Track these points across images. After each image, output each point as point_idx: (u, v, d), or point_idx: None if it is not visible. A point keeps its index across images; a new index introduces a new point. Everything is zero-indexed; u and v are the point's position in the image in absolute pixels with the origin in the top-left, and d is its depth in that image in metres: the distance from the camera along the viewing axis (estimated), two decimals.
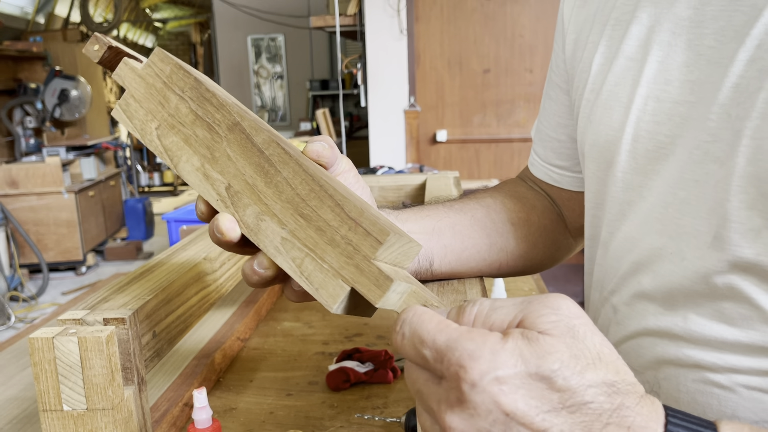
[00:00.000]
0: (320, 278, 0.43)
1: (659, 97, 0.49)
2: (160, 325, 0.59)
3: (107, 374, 0.51)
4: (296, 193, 0.45)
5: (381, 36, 3.54)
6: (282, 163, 0.45)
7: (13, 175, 4.73)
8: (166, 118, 0.51)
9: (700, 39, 0.46)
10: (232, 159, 0.48)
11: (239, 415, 0.79)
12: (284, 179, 0.45)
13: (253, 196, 0.46)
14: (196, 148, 0.49)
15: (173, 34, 12.44)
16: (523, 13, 3.53)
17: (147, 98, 0.52)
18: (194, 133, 0.49)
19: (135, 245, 5.41)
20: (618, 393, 0.32)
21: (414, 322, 0.35)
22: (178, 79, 0.51)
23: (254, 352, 0.98)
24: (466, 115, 3.70)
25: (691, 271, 0.46)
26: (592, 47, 0.56)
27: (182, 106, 0.50)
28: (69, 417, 0.51)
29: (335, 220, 0.43)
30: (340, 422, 0.76)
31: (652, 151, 0.49)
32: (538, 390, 0.31)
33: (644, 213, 0.51)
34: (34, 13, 6.69)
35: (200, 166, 0.49)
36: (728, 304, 0.45)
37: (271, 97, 7.30)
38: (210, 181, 0.48)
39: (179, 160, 0.50)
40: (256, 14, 6.66)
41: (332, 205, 0.43)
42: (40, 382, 0.51)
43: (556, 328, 0.33)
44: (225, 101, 0.49)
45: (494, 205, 0.66)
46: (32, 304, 4.37)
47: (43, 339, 0.50)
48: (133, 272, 0.65)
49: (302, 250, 0.44)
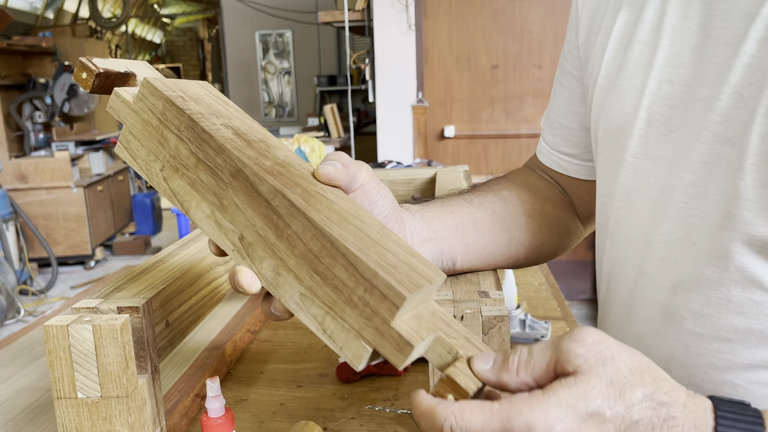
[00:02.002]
0: (343, 338, 0.41)
1: (672, 80, 0.49)
2: (173, 315, 0.59)
3: (121, 362, 0.51)
4: (308, 249, 0.42)
5: (389, 31, 3.53)
6: (290, 216, 0.42)
7: (23, 169, 4.76)
8: (169, 159, 0.47)
9: (709, 20, 0.46)
10: (240, 208, 0.44)
11: (250, 406, 0.79)
12: (294, 233, 0.42)
13: (267, 248, 0.43)
14: (203, 194, 0.46)
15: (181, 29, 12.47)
16: (532, 9, 3.52)
17: (146, 136, 0.48)
18: (199, 178, 0.46)
19: (143, 240, 5.44)
20: (662, 405, 0.35)
21: (461, 427, 0.35)
22: (173, 116, 0.46)
23: (264, 345, 0.98)
24: (474, 111, 3.69)
25: (703, 254, 0.46)
26: (605, 33, 0.56)
27: (182, 147, 0.46)
28: (83, 404, 0.52)
29: (350, 280, 0.40)
30: (351, 413, 0.76)
31: (664, 135, 0.49)
32: (593, 427, 0.34)
33: (651, 199, 0.51)
34: (44, 8, 6.71)
35: (211, 214, 0.46)
36: (738, 289, 0.45)
37: (278, 92, 7.30)
38: (223, 231, 0.45)
39: (189, 205, 0.47)
40: (264, 10, 6.66)
41: (345, 264, 0.40)
42: (54, 369, 0.51)
43: (586, 363, 0.35)
44: (223, 145, 0.44)
45: (511, 197, 0.66)
46: (41, 297, 4.40)
47: (58, 327, 0.50)
48: (146, 263, 0.65)
49: (322, 308, 0.42)
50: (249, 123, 0.50)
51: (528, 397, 0.35)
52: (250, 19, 6.97)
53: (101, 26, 6.46)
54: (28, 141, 5.03)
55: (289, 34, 7.10)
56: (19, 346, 0.98)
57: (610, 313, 0.58)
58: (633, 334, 0.54)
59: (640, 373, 0.35)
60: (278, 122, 7.17)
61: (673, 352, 0.50)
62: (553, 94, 0.70)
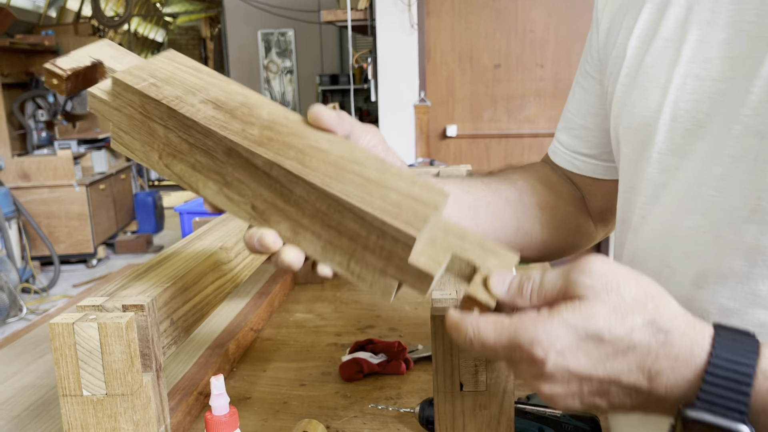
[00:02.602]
0: (370, 277, 0.44)
1: (698, 75, 0.49)
2: (177, 313, 0.60)
3: (126, 360, 0.51)
4: (317, 209, 0.43)
5: (392, 31, 3.53)
6: (292, 183, 0.43)
7: (25, 168, 4.76)
8: (163, 147, 0.47)
9: (740, 15, 0.46)
10: (244, 182, 0.45)
11: (253, 405, 0.79)
12: (300, 197, 0.43)
13: (279, 213, 0.45)
14: (207, 174, 0.46)
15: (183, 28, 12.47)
16: (535, 8, 3.51)
17: (135, 129, 0.48)
18: (197, 160, 0.46)
19: (145, 238, 5.44)
20: (661, 330, 0.37)
21: (478, 340, 0.40)
22: (152, 108, 0.46)
23: (267, 343, 0.98)
24: (477, 110, 3.69)
25: (730, 247, 0.46)
26: (626, 32, 0.57)
27: (171, 135, 0.46)
28: (88, 402, 0.52)
29: (362, 230, 0.42)
30: (354, 412, 0.76)
31: (691, 130, 0.49)
32: (592, 347, 0.38)
33: (678, 194, 0.51)
34: (46, 6, 6.72)
35: (219, 191, 0.47)
36: (766, 285, 0.45)
37: (280, 91, 7.31)
38: (235, 203, 0.46)
39: (197, 186, 0.47)
40: (267, 9, 6.66)
41: (354, 217, 0.42)
42: (60, 367, 0.51)
43: (592, 290, 0.38)
44: (208, 128, 0.44)
45: (525, 188, 0.68)
46: (44, 296, 4.41)
47: (63, 324, 0.51)
48: (150, 261, 0.65)
49: (344, 255, 0.44)
50: (226, 87, 0.49)
51: (535, 316, 0.39)
52: (253, 18, 6.98)
53: (104, 25, 6.47)
54: (30, 139, 5.04)
55: (291, 33, 7.10)
56: (24, 343, 0.98)
57: None
58: None
59: (643, 302, 0.38)
60: None
61: None
62: (571, 96, 0.71)
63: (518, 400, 0.69)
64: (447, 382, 0.53)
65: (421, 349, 0.91)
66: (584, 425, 0.63)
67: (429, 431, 0.70)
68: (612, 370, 0.38)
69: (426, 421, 0.69)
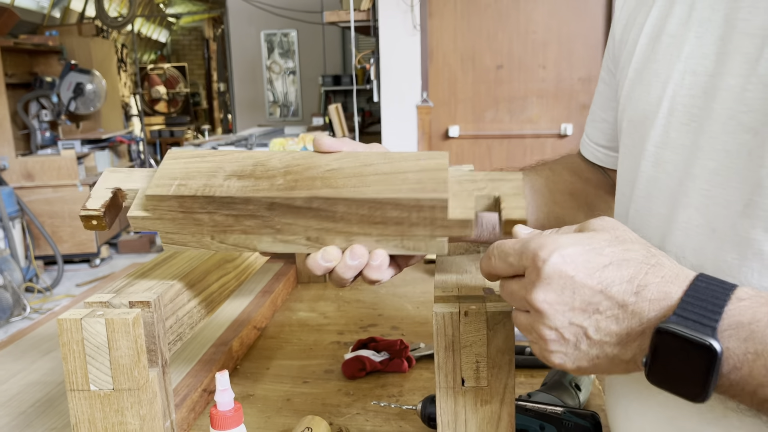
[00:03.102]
0: (423, 245, 0.52)
1: (695, 71, 0.50)
2: (182, 310, 0.60)
3: (133, 355, 0.52)
4: (361, 215, 0.51)
5: (394, 31, 3.53)
6: (332, 206, 0.51)
7: (29, 167, 4.78)
8: (212, 229, 0.53)
9: (735, 12, 0.48)
10: (293, 224, 0.52)
11: (257, 402, 0.80)
12: (344, 213, 0.51)
13: (331, 233, 0.52)
14: (258, 232, 0.53)
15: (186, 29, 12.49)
16: (537, 9, 3.52)
17: (181, 228, 0.53)
18: (246, 226, 0.52)
19: (148, 238, 5.46)
20: (654, 255, 0.42)
21: (498, 246, 0.46)
22: (191, 203, 0.52)
23: (270, 341, 0.99)
24: (479, 111, 3.70)
25: (724, 241, 0.47)
26: (638, 29, 0.59)
27: (216, 217, 0.52)
28: (96, 397, 0.53)
29: (403, 213, 0.50)
30: (357, 409, 0.77)
31: (685, 124, 0.51)
32: (591, 257, 0.41)
33: (670, 188, 0.52)
34: (50, 7, 6.74)
35: (273, 240, 0.53)
36: (756, 276, 0.46)
37: (283, 92, 7.31)
38: (291, 243, 0.53)
39: (254, 245, 0.53)
40: (270, 9, 6.67)
41: (392, 207, 0.50)
42: (68, 362, 0.52)
43: (600, 226, 0.44)
44: (245, 197, 0.51)
45: (553, 176, 0.73)
46: (47, 295, 4.42)
47: (71, 320, 0.51)
48: (156, 258, 0.66)
49: (396, 239, 0.52)
50: (233, 158, 0.55)
51: (548, 232, 0.45)
52: (256, 18, 6.98)
53: (107, 25, 6.49)
54: (34, 139, 5.06)
55: (294, 33, 7.11)
56: (29, 341, 0.99)
57: None
58: None
59: (648, 246, 0.43)
60: (283, 122, 7.18)
61: None
62: (596, 90, 0.75)
63: (519, 397, 0.70)
64: (449, 378, 0.54)
65: (422, 348, 0.92)
66: (585, 422, 0.64)
67: (431, 428, 0.70)
68: (605, 278, 0.41)
69: (428, 418, 0.70)
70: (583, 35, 3.47)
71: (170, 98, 10.58)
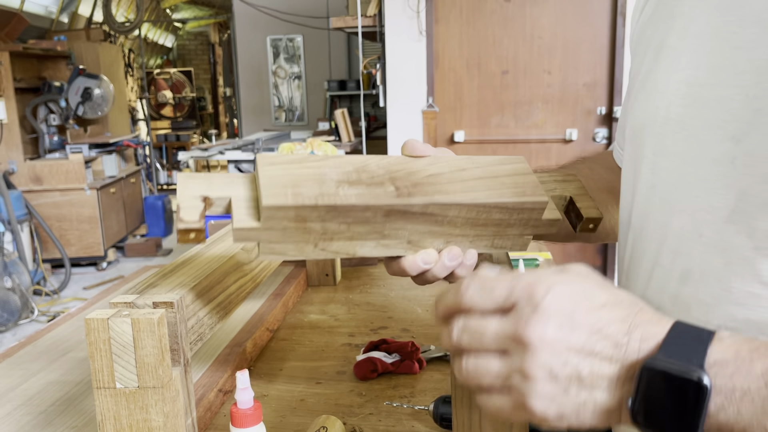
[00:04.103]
0: (509, 243, 0.57)
1: (689, 82, 0.52)
2: (203, 311, 0.62)
3: (158, 354, 0.54)
4: (467, 219, 0.54)
5: (400, 37, 3.56)
6: (445, 210, 0.53)
7: (37, 171, 4.82)
8: (319, 237, 0.52)
9: (726, 26, 0.50)
10: (400, 229, 0.53)
11: (271, 402, 0.82)
12: (453, 217, 0.54)
13: (432, 235, 0.54)
14: (364, 237, 0.53)
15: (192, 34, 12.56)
16: (543, 15, 3.54)
17: (287, 237, 0.51)
18: (355, 233, 0.52)
19: (154, 242, 5.49)
20: (640, 301, 0.42)
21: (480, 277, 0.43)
22: (309, 212, 0.50)
23: (283, 343, 1.00)
24: (484, 116, 3.72)
25: (711, 246, 0.49)
26: (647, 41, 0.61)
27: (329, 225, 0.51)
28: (121, 394, 0.54)
29: (505, 215, 0.55)
30: (369, 409, 0.78)
31: (678, 133, 0.53)
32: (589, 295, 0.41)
33: (666, 195, 0.54)
34: (58, 12, 6.80)
35: (376, 245, 0.54)
36: (739, 281, 0.48)
37: (288, 97, 7.35)
38: (391, 248, 0.54)
39: (354, 251, 0.54)
40: (276, 15, 6.71)
41: (499, 209, 0.54)
42: (95, 360, 0.54)
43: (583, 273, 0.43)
44: (365, 204, 0.50)
45: (591, 174, 0.75)
46: (54, 298, 4.45)
47: (98, 320, 0.53)
48: (176, 261, 0.68)
49: (489, 239, 0.56)
50: (334, 164, 0.54)
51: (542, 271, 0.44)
52: (262, 23, 7.02)
53: (115, 30, 6.53)
54: (42, 143, 5.10)
55: (299, 39, 7.14)
56: (47, 342, 1.01)
57: None
58: None
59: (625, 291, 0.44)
60: (288, 126, 7.21)
61: None
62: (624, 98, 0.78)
63: None
64: None
65: (433, 350, 0.93)
66: None
67: (443, 428, 0.72)
68: (601, 318, 0.40)
69: (440, 418, 0.71)
70: (589, 41, 3.49)
71: (176, 103, 10.63)
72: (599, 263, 3.70)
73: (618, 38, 3.41)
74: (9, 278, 3.92)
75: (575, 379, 0.39)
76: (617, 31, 3.42)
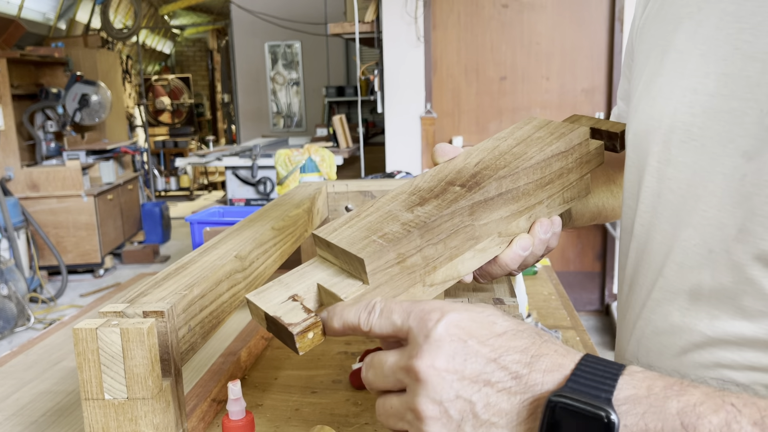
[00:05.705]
0: (576, 190, 0.61)
1: (696, 89, 0.50)
2: (194, 320, 0.61)
3: (147, 365, 0.52)
4: (536, 181, 0.57)
5: (398, 43, 3.56)
6: (516, 180, 0.55)
7: (34, 178, 4.81)
8: (423, 272, 0.51)
9: (738, 33, 0.47)
10: (487, 223, 0.54)
11: (266, 412, 0.80)
12: (524, 185, 0.56)
13: (514, 218, 0.56)
14: (461, 250, 0.53)
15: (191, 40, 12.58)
16: (540, 21, 3.54)
17: (396, 287, 0.50)
18: (452, 248, 0.53)
19: (152, 248, 5.47)
20: (546, 333, 0.39)
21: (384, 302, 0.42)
22: (407, 245, 0.49)
23: (278, 351, 0.99)
24: (482, 122, 3.72)
25: (719, 263, 0.48)
26: (649, 41, 0.59)
27: (428, 251, 0.51)
28: (110, 405, 0.53)
29: (563, 161, 0.58)
30: (365, 419, 0.77)
31: (685, 143, 0.51)
32: (486, 324, 0.38)
33: (674, 205, 0.52)
34: (56, 19, 6.80)
35: (474, 254, 0.54)
36: (749, 299, 0.46)
37: (287, 103, 7.35)
38: (487, 250, 0.55)
39: (458, 272, 0.54)
40: (274, 21, 6.72)
41: (556, 157, 0.58)
42: (83, 371, 0.53)
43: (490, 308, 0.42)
44: (450, 209, 0.51)
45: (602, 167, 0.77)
46: (51, 305, 4.43)
47: (87, 330, 0.52)
48: (168, 269, 0.67)
49: (559, 195, 0.59)
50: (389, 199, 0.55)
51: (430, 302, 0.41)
52: (260, 30, 7.04)
53: (113, 37, 6.54)
54: (39, 150, 5.09)
55: (297, 45, 7.16)
56: (39, 350, 1.00)
57: (630, 314, 0.60)
58: (649, 332, 0.56)
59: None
60: (287, 132, 7.21)
61: (686, 349, 0.52)
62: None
63: None
64: None
65: None
66: None
67: None
68: (499, 347, 0.37)
69: None
70: (587, 47, 3.49)
71: (174, 109, 10.64)
72: (598, 269, 3.69)
73: (616, 44, 3.42)
74: (5, 286, 3.90)
75: (469, 415, 0.36)
76: (615, 37, 3.42)
